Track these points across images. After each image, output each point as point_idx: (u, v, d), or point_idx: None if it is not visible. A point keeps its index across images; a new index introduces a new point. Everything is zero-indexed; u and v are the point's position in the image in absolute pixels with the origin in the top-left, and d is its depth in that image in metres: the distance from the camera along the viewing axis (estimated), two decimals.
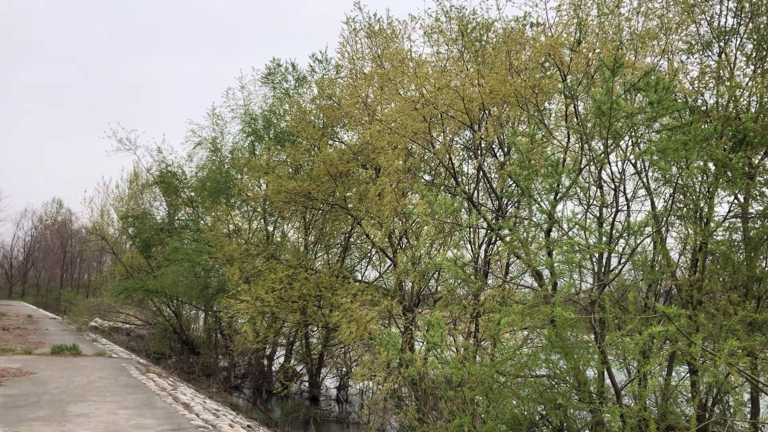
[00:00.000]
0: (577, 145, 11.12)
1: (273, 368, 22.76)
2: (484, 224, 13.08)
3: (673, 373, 9.21)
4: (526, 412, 7.79)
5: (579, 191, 9.93)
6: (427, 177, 15.97)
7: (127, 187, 31.61)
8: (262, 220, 23.37)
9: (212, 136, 24.67)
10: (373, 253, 19.68)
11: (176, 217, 27.11)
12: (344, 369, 21.00)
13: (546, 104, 12.89)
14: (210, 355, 24.12)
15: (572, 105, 10.06)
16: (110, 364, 15.45)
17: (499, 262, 15.17)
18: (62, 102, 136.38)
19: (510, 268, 14.68)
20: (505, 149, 13.76)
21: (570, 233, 7.80)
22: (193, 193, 25.89)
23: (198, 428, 8.71)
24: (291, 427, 14.81)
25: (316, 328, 19.34)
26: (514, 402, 7.95)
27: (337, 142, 18.61)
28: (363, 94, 14.91)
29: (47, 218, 59.30)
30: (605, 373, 7.76)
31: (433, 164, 15.75)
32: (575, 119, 10.37)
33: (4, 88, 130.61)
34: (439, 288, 16.13)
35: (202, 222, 24.78)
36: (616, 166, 9.53)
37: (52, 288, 56.02)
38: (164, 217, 27.54)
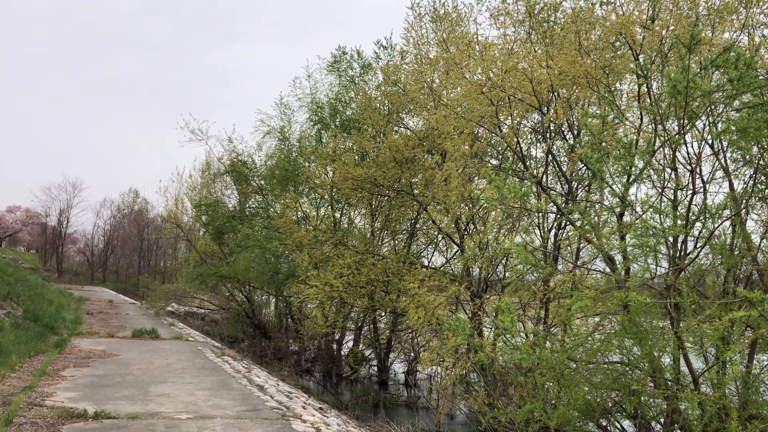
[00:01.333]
0: (650, 126, 10.78)
1: (342, 353, 23.13)
2: (554, 209, 12.87)
3: (755, 361, 8.87)
4: (598, 399, 7.67)
5: (653, 174, 9.64)
6: (494, 162, 15.82)
7: (200, 176, 32.51)
8: (330, 207, 23.68)
9: (280, 125, 25.11)
10: (440, 238, 19.66)
11: (247, 205, 27.78)
12: (412, 354, 21.14)
13: (617, 85, 12.54)
14: (281, 339, 24.69)
15: (645, 85, 9.76)
16: (187, 347, 16.05)
17: (569, 248, 14.91)
18: (138, 93, 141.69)
19: (581, 253, 14.42)
20: (575, 132, 13.47)
21: (644, 217, 7.60)
22: (262, 182, 26.46)
23: (272, 409, 8.97)
24: (361, 410, 15.04)
25: (383, 313, 19.52)
26: (586, 388, 7.84)
27: (402, 129, 18.65)
28: (428, 79, 14.88)
29: (125, 207, 61.83)
30: (681, 359, 7.55)
31: (500, 148, 15.58)
32: (648, 99, 10.05)
33: (86, 81, 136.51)
34: (507, 274, 16.00)
35: (271, 209, 25.31)
36: (692, 146, 9.20)
37: (131, 274, 58.45)
38: (235, 205, 28.26)
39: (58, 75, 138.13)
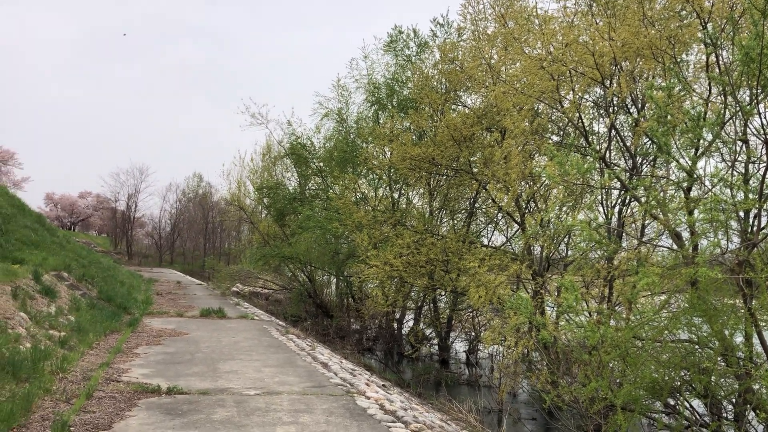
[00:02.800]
0: (719, 97, 10.37)
1: (403, 331, 23.31)
2: (618, 185, 12.57)
3: None
4: (666, 377, 7.52)
5: (722, 146, 9.29)
6: (555, 138, 15.52)
7: (261, 159, 33.09)
8: (388, 188, 23.76)
9: (338, 107, 25.27)
10: (500, 217, 19.50)
11: (307, 187, 28.16)
12: (473, 333, 21.13)
13: (683, 55, 12.09)
14: (342, 318, 25.04)
15: (714, 54, 9.38)
16: (253, 326, 16.48)
17: (633, 225, 14.56)
18: (201, 79, 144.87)
19: (646, 230, 14.06)
20: (639, 105, 13.08)
21: (713, 191, 7.35)
22: (321, 164, 26.75)
23: (337, 386, 9.16)
24: (422, 388, 15.17)
25: (443, 293, 19.55)
26: (653, 366, 7.69)
27: (460, 107, 18.49)
28: (486, 56, 14.68)
29: (189, 191, 63.45)
30: (755, 337, 7.31)
31: (561, 124, 15.28)
32: (717, 69, 9.66)
33: (147, 69, 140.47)
34: (569, 252, 15.76)
35: (330, 191, 25.58)
36: (765, 117, 8.81)
37: (197, 256, 60.15)
38: (296, 187, 28.67)
39: (124, 64, 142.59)
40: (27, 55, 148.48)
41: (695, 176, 7.70)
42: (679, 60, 11.28)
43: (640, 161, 13.50)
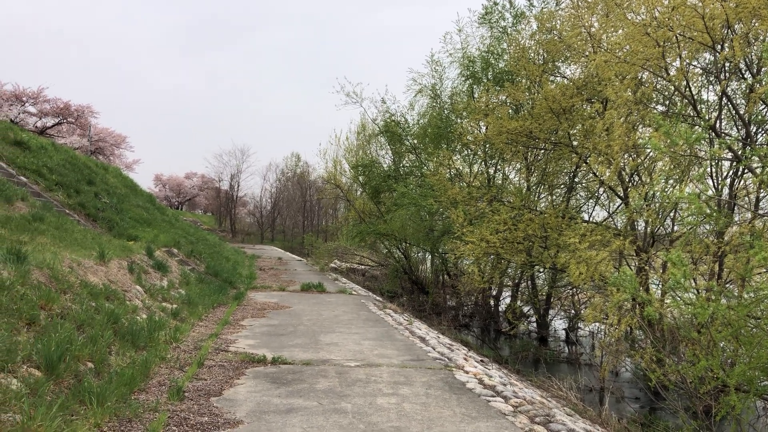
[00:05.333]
0: None
1: (500, 308, 23.14)
2: (729, 155, 11.85)
3: None
4: None
5: None
6: (660, 108, 14.80)
7: (356, 138, 33.53)
8: (483, 163, 23.51)
9: (431, 82, 25.17)
10: (601, 192, 18.88)
11: (401, 164, 28.32)
12: (573, 310, 20.68)
13: None
14: (438, 294, 25.16)
15: None
16: (351, 301, 16.84)
17: (746, 198, 13.73)
18: (300, 61, 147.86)
19: (761, 203, 13.22)
20: (755, 70, 12.24)
21: None
22: (415, 141, 26.79)
23: (435, 360, 9.24)
24: (521, 365, 15.05)
25: (542, 270, 19.21)
26: None
27: (558, 78, 17.96)
28: (586, 24, 14.14)
29: (288, 171, 65.28)
30: None
31: (667, 93, 14.54)
32: None
33: (249, 52, 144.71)
34: (676, 228, 15.07)
35: (425, 168, 25.60)
36: None
37: (296, 233, 61.93)
38: (390, 165, 28.90)
39: (218, 50, 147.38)
40: (133, 44, 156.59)
41: None
42: None
43: (754, 130, 12.68)
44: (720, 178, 13.47)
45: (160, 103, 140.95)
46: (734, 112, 12.59)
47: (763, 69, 11.77)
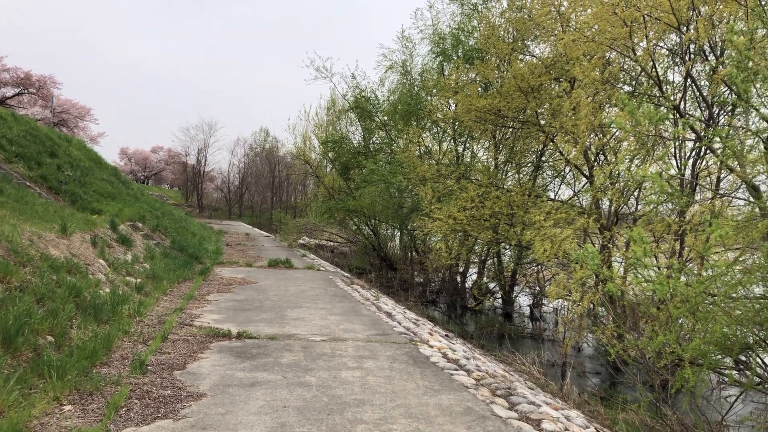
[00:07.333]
0: None
1: (466, 285, 23.37)
2: (692, 136, 12.06)
3: None
4: (738, 333, 7.31)
5: None
6: (626, 88, 14.95)
7: (325, 114, 33.28)
8: (452, 141, 23.54)
9: (402, 59, 25.00)
10: (567, 170, 19.09)
11: (371, 141, 28.19)
12: (537, 287, 21.00)
13: None
14: (406, 270, 25.29)
15: None
16: (318, 276, 16.85)
17: (708, 178, 14.01)
18: (267, 35, 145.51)
19: (721, 183, 13.51)
20: (718, 52, 12.42)
21: None
22: (385, 117, 26.67)
23: (400, 334, 9.32)
24: (486, 341, 15.26)
25: (508, 247, 19.42)
26: (725, 322, 7.47)
27: (528, 56, 18.00)
28: (556, 2, 14.17)
29: (257, 146, 64.50)
30: None
31: (633, 73, 14.69)
32: None
33: (215, 26, 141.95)
34: (639, 206, 15.33)
35: (394, 145, 25.55)
36: None
37: (264, 209, 61.49)
38: (360, 141, 28.75)
39: (190, 22, 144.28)
40: (101, 14, 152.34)
41: None
42: (764, 2, 10.60)
43: (717, 111, 12.89)
44: (683, 159, 13.70)
45: (127, 76, 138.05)
46: (698, 93, 12.77)
47: (726, 51, 11.94)
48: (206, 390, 5.92)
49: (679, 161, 13.64)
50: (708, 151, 12.33)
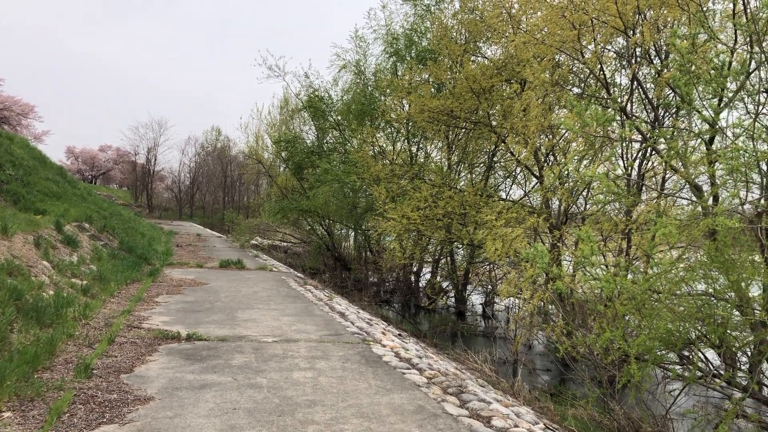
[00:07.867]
0: (745, 47, 10.09)
1: (420, 284, 23.49)
2: (638, 137, 12.38)
3: None
4: (681, 329, 7.53)
5: (746, 97, 9.08)
6: (576, 90, 15.27)
7: (278, 113, 33.03)
8: (406, 141, 23.63)
9: (355, 58, 24.98)
10: (518, 171, 19.38)
11: (325, 141, 28.06)
12: (489, 286, 21.25)
13: (710, 4, 11.73)
14: (361, 270, 25.27)
15: (741, 1, 9.08)
16: (271, 277, 16.69)
17: (654, 178, 14.41)
18: (215, 33, 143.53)
19: (666, 184, 13.91)
20: (663, 56, 12.79)
21: (736, 142, 7.22)
22: (339, 117, 26.59)
23: (353, 334, 9.30)
24: (439, 339, 15.36)
25: (461, 246, 19.60)
26: (669, 318, 7.69)
27: (480, 58, 18.21)
28: (506, 5, 14.36)
29: (208, 145, 63.49)
30: None
31: (582, 76, 15.01)
32: (744, 17, 9.37)
33: (168, 23, 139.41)
34: (588, 206, 15.67)
35: (348, 144, 25.51)
36: None
37: (216, 210, 60.61)
38: (314, 141, 28.59)
39: (143, 18, 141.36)
40: (49, 7, 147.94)
41: (718, 127, 7.55)
42: (705, 9, 10.95)
43: (662, 113, 13.28)
44: (630, 159, 14.05)
45: (72, 72, 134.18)
46: (644, 95, 13.12)
47: (670, 55, 12.29)
48: (154, 393, 5.80)
49: (625, 162, 13.98)
50: (653, 152, 12.67)
